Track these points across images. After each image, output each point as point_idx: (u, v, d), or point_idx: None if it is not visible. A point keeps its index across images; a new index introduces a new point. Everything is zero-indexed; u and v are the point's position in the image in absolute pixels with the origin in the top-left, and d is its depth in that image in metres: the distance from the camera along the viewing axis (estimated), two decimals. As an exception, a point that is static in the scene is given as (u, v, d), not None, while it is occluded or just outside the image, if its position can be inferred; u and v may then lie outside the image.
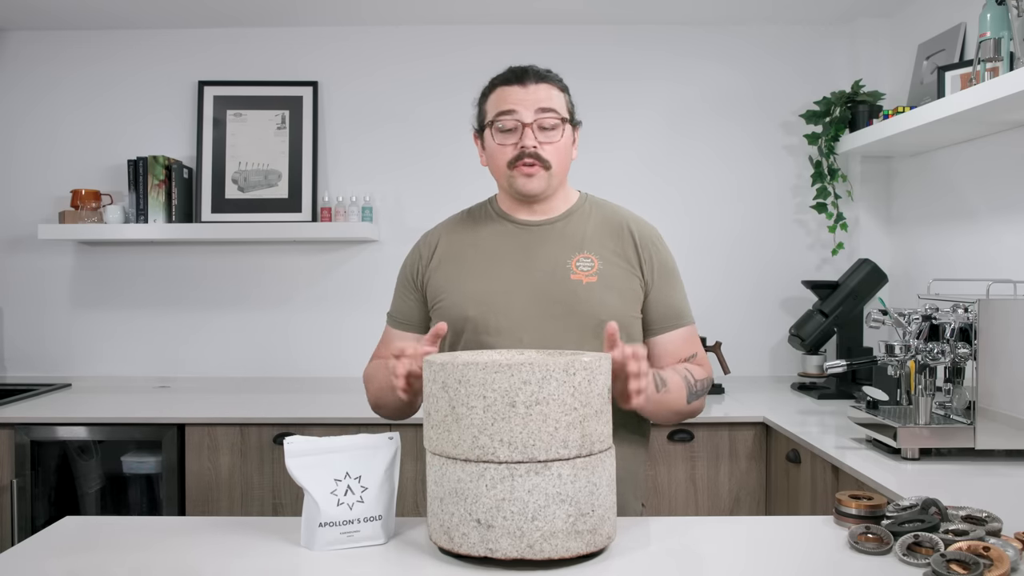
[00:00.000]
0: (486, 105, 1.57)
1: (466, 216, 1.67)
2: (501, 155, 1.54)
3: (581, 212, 1.61)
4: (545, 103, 1.52)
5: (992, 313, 1.82)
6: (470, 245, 1.60)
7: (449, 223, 1.67)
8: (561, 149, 1.55)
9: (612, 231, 1.59)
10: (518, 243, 1.58)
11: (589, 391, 1.18)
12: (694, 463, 2.55)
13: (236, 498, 2.58)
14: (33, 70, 3.29)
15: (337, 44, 3.27)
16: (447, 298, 1.56)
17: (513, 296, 1.52)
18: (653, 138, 3.25)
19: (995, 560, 1.11)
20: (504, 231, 1.59)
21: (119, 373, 3.27)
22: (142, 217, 3.09)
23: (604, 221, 1.61)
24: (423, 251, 1.64)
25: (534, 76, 1.54)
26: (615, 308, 1.52)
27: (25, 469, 2.58)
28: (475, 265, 1.57)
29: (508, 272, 1.55)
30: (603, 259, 1.55)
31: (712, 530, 1.37)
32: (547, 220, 1.59)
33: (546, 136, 1.53)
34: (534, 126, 1.51)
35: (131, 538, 1.34)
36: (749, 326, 3.22)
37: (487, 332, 1.52)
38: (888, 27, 3.13)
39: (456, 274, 1.57)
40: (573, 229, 1.58)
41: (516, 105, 1.51)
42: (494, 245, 1.58)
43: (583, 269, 1.54)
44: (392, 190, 3.27)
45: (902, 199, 3.06)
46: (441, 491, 1.19)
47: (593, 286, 1.52)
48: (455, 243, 1.61)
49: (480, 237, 1.60)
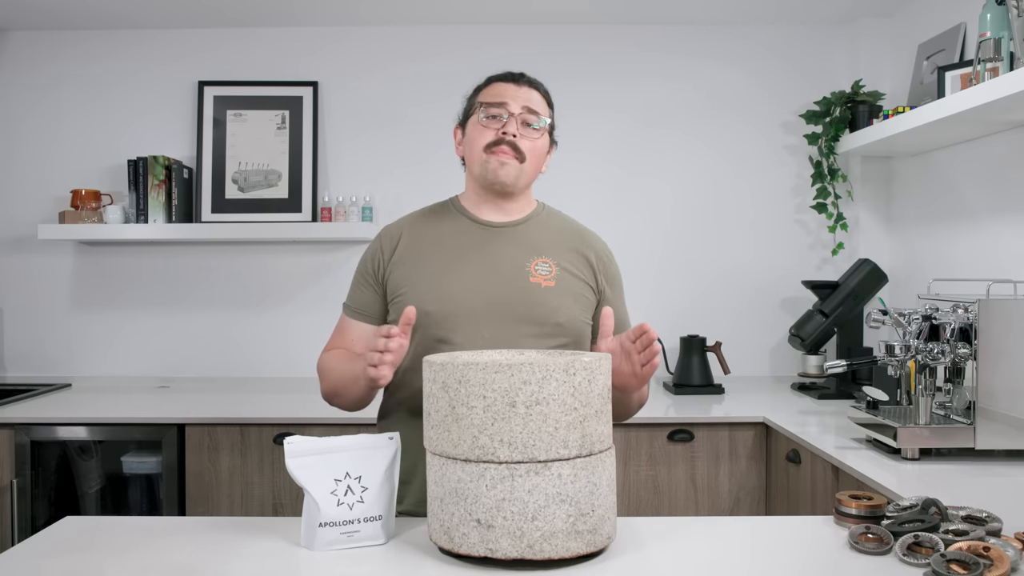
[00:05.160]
0: (476, 97, 1.64)
1: (428, 212, 1.69)
2: (481, 138, 1.58)
3: (539, 219, 1.67)
4: (535, 105, 1.60)
5: (992, 313, 1.82)
6: (433, 241, 1.62)
7: (411, 218, 1.69)
8: (537, 150, 1.61)
9: (568, 241, 1.65)
10: (479, 242, 1.61)
11: (589, 391, 1.18)
12: (694, 463, 2.55)
13: (236, 498, 2.58)
14: (33, 70, 3.29)
15: (337, 44, 3.27)
16: (408, 292, 1.57)
17: (474, 294, 1.54)
18: (653, 138, 3.25)
19: (995, 560, 1.11)
20: (466, 229, 1.62)
21: (119, 373, 3.27)
22: (142, 217, 3.09)
23: (560, 230, 1.66)
24: (384, 245, 1.65)
25: (528, 81, 1.63)
26: (571, 312, 1.57)
27: (25, 469, 2.58)
28: (437, 262, 1.59)
29: (469, 270, 1.57)
30: (560, 265, 1.60)
31: (712, 530, 1.37)
32: (509, 222, 1.63)
33: (527, 132, 1.59)
34: (518, 119, 1.57)
35: (131, 538, 1.34)
36: (749, 326, 3.22)
37: (446, 328, 1.53)
38: (888, 27, 3.13)
39: (417, 270, 1.59)
40: (533, 234, 1.63)
41: (507, 98, 1.58)
42: (456, 243, 1.61)
43: (542, 272, 1.58)
44: (392, 190, 3.27)
45: (902, 199, 3.06)
46: (441, 491, 1.19)
47: (551, 290, 1.57)
48: (417, 239, 1.63)
49: (442, 233, 1.63)
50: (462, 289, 1.55)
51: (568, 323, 1.56)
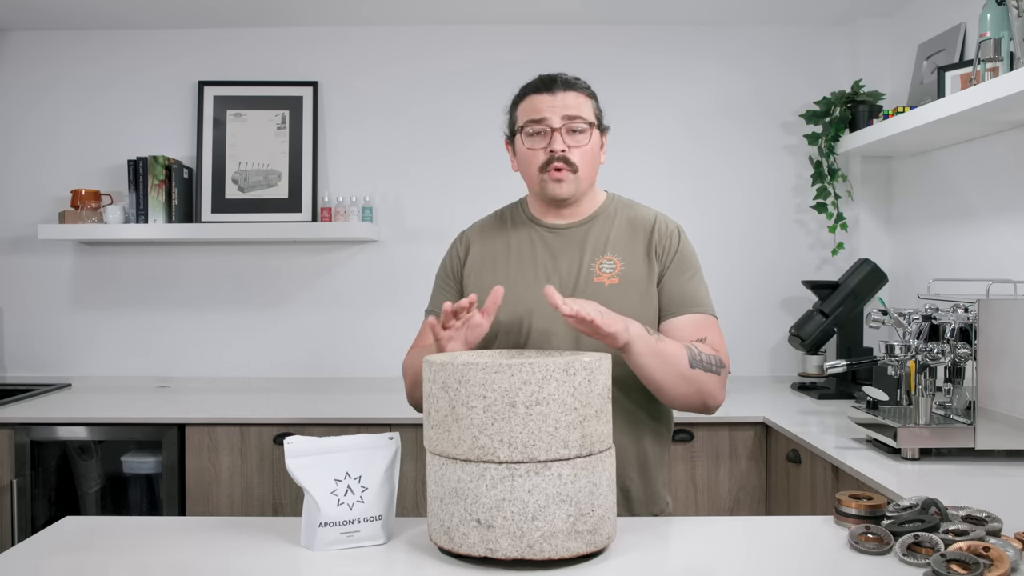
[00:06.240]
0: (516, 112, 1.63)
1: (497, 219, 1.72)
2: (533, 160, 1.59)
3: (606, 214, 1.66)
4: (573, 110, 1.57)
5: (992, 313, 1.82)
6: (501, 249, 1.65)
7: (481, 225, 1.73)
8: (588, 153, 1.60)
9: (635, 231, 1.63)
10: (546, 247, 1.63)
11: (589, 391, 1.18)
12: (694, 463, 2.55)
13: (236, 498, 2.58)
14: (33, 70, 3.29)
15: (337, 44, 3.27)
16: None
17: (542, 300, 1.54)
18: (653, 138, 3.25)
19: (995, 560, 1.11)
20: (534, 235, 1.65)
21: (119, 373, 3.27)
22: (142, 217, 3.09)
23: (628, 222, 1.65)
24: (459, 250, 1.70)
25: (562, 84, 1.59)
26: (636, 308, 1.55)
27: (25, 469, 2.58)
28: (505, 270, 1.62)
29: (537, 276, 1.60)
30: (625, 261, 1.59)
31: (712, 530, 1.37)
32: (574, 223, 1.64)
33: (574, 140, 1.57)
34: (562, 131, 1.56)
35: (131, 538, 1.34)
36: (749, 326, 3.22)
37: (519, 336, 1.57)
38: (888, 27, 3.13)
39: (487, 279, 1.61)
40: (598, 232, 1.63)
41: (545, 112, 1.57)
42: (524, 250, 1.63)
43: (606, 271, 1.58)
44: (392, 190, 3.27)
45: (902, 199, 3.06)
46: (441, 491, 1.19)
47: (615, 288, 1.57)
48: (487, 246, 1.67)
49: (511, 241, 1.66)
50: (531, 297, 1.57)
51: (636, 319, 1.53)
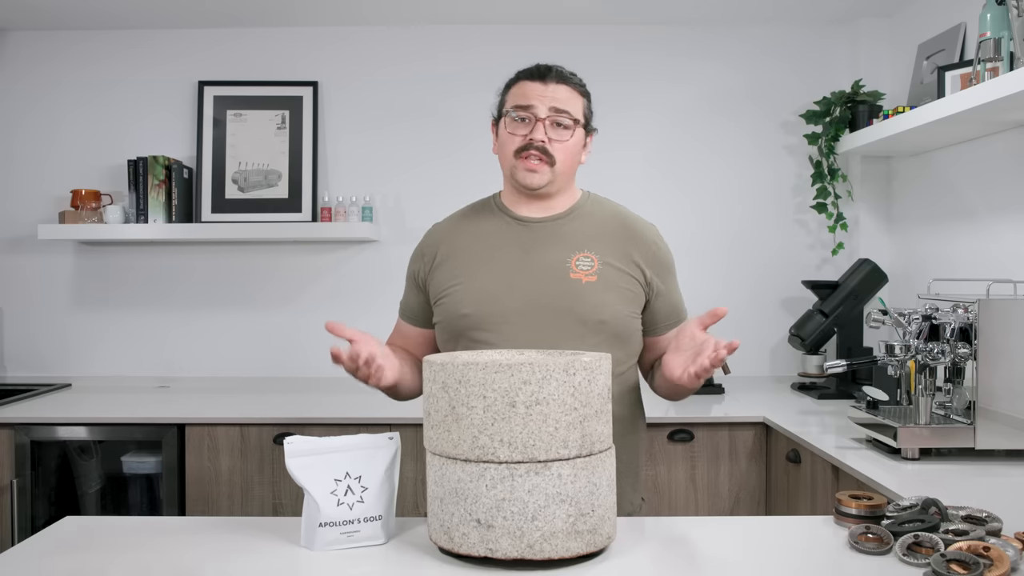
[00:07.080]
0: (506, 95, 1.61)
1: (469, 211, 1.69)
2: (510, 143, 1.57)
3: (582, 211, 1.62)
4: (561, 104, 1.55)
5: (992, 313, 1.82)
6: (472, 241, 1.61)
7: (453, 219, 1.70)
8: (568, 149, 1.57)
9: (613, 231, 1.60)
10: (518, 240, 1.59)
11: (589, 391, 1.18)
12: (694, 463, 2.55)
13: (236, 498, 2.57)
14: (33, 70, 3.28)
15: (337, 44, 3.27)
16: (448, 296, 1.58)
17: (512, 293, 1.53)
18: (653, 138, 3.25)
19: (995, 560, 1.11)
20: (505, 227, 1.61)
21: (119, 373, 3.27)
22: (142, 217, 3.09)
23: (605, 221, 1.62)
24: (425, 252, 1.66)
25: (556, 76, 1.57)
26: (614, 307, 1.54)
27: (25, 469, 2.57)
28: (475, 262, 1.58)
29: (508, 269, 1.56)
30: (603, 259, 1.56)
31: (712, 530, 1.37)
32: (548, 218, 1.60)
33: (556, 134, 1.55)
34: (547, 122, 1.54)
35: (131, 538, 1.34)
36: (749, 326, 3.22)
37: (486, 329, 1.53)
38: (888, 27, 3.13)
39: (456, 272, 1.59)
40: (574, 228, 1.59)
41: (533, 100, 1.55)
42: (495, 241, 1.60)
43: (583, 268, 1.55)
44: (392, 190, 3.27)
45: (902, 199, 3.06)
46: (441, 491, 1.19)
47: (593, 285, 1.53)
48: (458, 239, 1.63)
49: (481, 232, 1.62)
50: (500, 289, 1.54)
51: (612, 320, 1.53)
